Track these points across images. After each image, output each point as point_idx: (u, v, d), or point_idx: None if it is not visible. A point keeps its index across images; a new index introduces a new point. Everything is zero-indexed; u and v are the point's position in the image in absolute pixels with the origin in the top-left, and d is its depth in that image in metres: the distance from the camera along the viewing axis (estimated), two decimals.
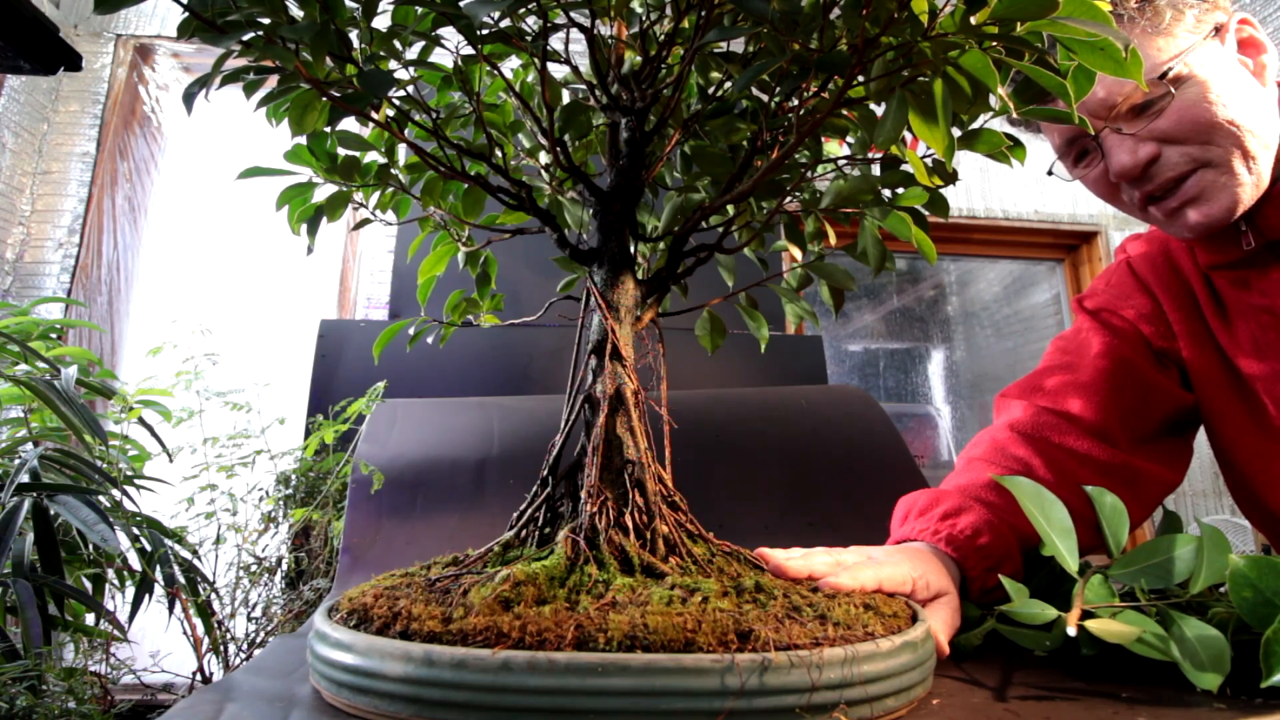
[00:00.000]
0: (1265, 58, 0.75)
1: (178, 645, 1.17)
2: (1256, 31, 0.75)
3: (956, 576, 0.66)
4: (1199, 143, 0.71)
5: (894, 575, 0.57)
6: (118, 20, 2.40)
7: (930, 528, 0.69)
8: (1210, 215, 0.73)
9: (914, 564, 0.61)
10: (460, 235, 0.75)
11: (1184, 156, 0.72)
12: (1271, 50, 0.75)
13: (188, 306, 2.46)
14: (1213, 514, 2.69)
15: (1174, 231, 0.78)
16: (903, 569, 0.59)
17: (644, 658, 0.40)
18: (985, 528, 0.68)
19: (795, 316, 0.72)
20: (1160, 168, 0.73)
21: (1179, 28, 0.71)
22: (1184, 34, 0.71)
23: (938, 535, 0.68)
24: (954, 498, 0.72)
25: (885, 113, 0.47)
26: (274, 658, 0.59)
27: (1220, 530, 0.55)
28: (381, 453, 1.08)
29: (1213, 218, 0.73)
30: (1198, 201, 0.73)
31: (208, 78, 0.47)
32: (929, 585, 0.60)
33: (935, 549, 0.67)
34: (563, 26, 0.62)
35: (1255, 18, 2.52)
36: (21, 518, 0.83)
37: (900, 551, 0.65)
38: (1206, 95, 0.70)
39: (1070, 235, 3.01)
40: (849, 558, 0.60)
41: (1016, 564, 0.69)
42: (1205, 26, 0.72)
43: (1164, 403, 0.84)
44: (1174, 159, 0.72)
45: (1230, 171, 0.71)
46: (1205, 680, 0.46)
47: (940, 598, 0.61)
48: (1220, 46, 0.72)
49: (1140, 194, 0.76)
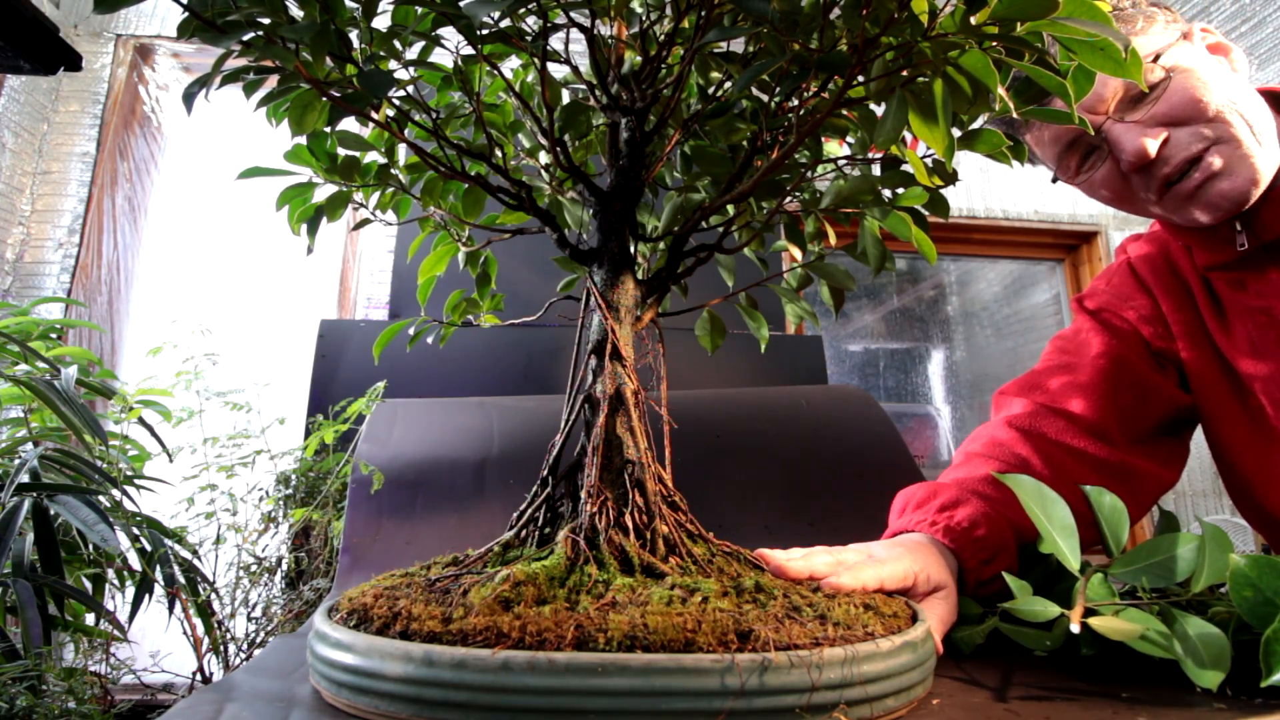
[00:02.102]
0: (1233, 56, 0.77)
1: (178, 645, 1.17)
2: (1219, 37, 0.78)
3: (954, 568, 0.66)
4: (1204, 121, 0.72)
5: (895, 572, 0.58)
6: (118, 20, 2.40)
7: (928, 519, 0.70)
8: (1234, 189, 0.73)
9: (914, 558, 0.61)
10: (460, 235, 0.75)
11: (1194, 135, 0.72)
12: (1237, 50, 0.78)
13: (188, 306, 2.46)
14: (1213, 514, 2.69)
15: (1189, 219, 0.77)
16: (903, 564, 0.59)
17: (644, 658, 0.40)
18: (982, 520, 0.69)
19: (795, 316, 0.72)
20: (1173, 148, 0.73)
21: (1152, 29, 0.75)
22: (1158, 36, 0.74)
23: (935, 526, 0.69)
24: (951, 490, 0.73)
25: (885, 113, 0.46)
26: (274, 658, 0.59)
27: (1222, 529, 0.55)
28: (381, 453, 1.08)
29: (1238, 189, 0.73)
30: (1219, 178, 0.73)
31: (208, 78, 0.47)
32: (929, 579, 0.61)
33: (933, 540, 0.67)
34: (563, 26, 0.62)
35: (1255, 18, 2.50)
36: (21, 518, 0.83)
37: (900, 546, 0.65)
38: (1199, 78, 0.72)
39: (1070, 235, 3.01)
40: (849, 556, 0.60)
41: (1012, 558, 0.69)
42: (1174, 32, 0.75)
43: (1161, 403, 0.84)
44: (1184, 139, 0.73)
45: (1242, 144, 0.72)
46: (1206, 678, 0.46)
47: (938, 592, 0.62)
48: (1191, 47, 0.75)
49: (1158, 180, 0.75)
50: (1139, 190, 0.78)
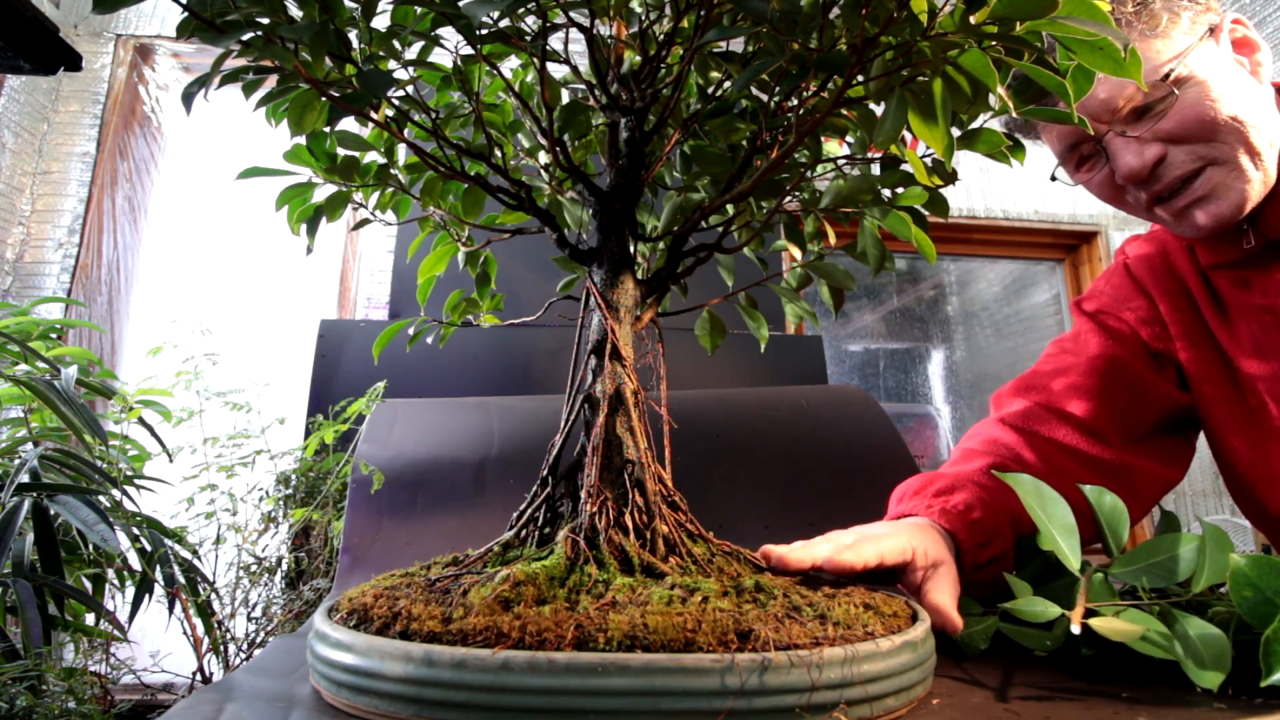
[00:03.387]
0: (1259, 56, 0.76)
1: (178, 645, 1.17)
2: (1249, 31, 0.76)
3: (952, 549, 0.67)
4: (1204, 141, 0.71)
5: (894, 546, 0.59)
6: (118, 20, 2.40)
7: (925, 503, 0.71)
8: (1219, 214, 0.73)
9: (912, 535, 0.63)
10: (460, 235, 0.75)
11: (1190, 155, 0.72)
12: (1265, 49, 0.76)
13: (188, 306, 2.46)
14: (1213, 514, 2.69)
15: (1182, 231, 0.78)
16: (901, 539, 0.61)
17: (644, 658, 0.40)
18: (978, 504, 0.70)
19: (795, 316, 0.72)
20: (1167, 168, 0.73)
21: (1175, 30, 0.72)
22: (1180, 36, 0.72)
23: (932, 509, 0.70)
24: (947, 478, 0.74)
25: (885, 112, 0.46)
26: (274, 658, 0.59)
27: (1222, 529, 0.55)
28: (381, 453, 1.08)
29: (1222, 216, 0.73)
30: (1206, 201, 0.73)
31: (207, 77, 0.47)
32: (927, 554, 0.62)
33: (931, 522, 0.68)
34: (562, 26, 0.62)
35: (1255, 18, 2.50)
36: (21, 518, 0.83)
37: (898, 524, 0.67)
38: (1208, 94, 0.70)
39: (1070, 235, 3.01)
40: (848, 539, 0.61)
41: (1007, 543, 0.70)
42: (1200, 28, 0.72)
43: (1159, 403, 0.85)
44: (1180, 159, 0.72)
45: (1237, 168, 0.71)
46: (1207, 679, 0.46)
47: (939, 566, 0.63)
48: (1216, 47, 0.73)
49: (1148, 195, 0.76)
50: (1131, 198, 0.78)
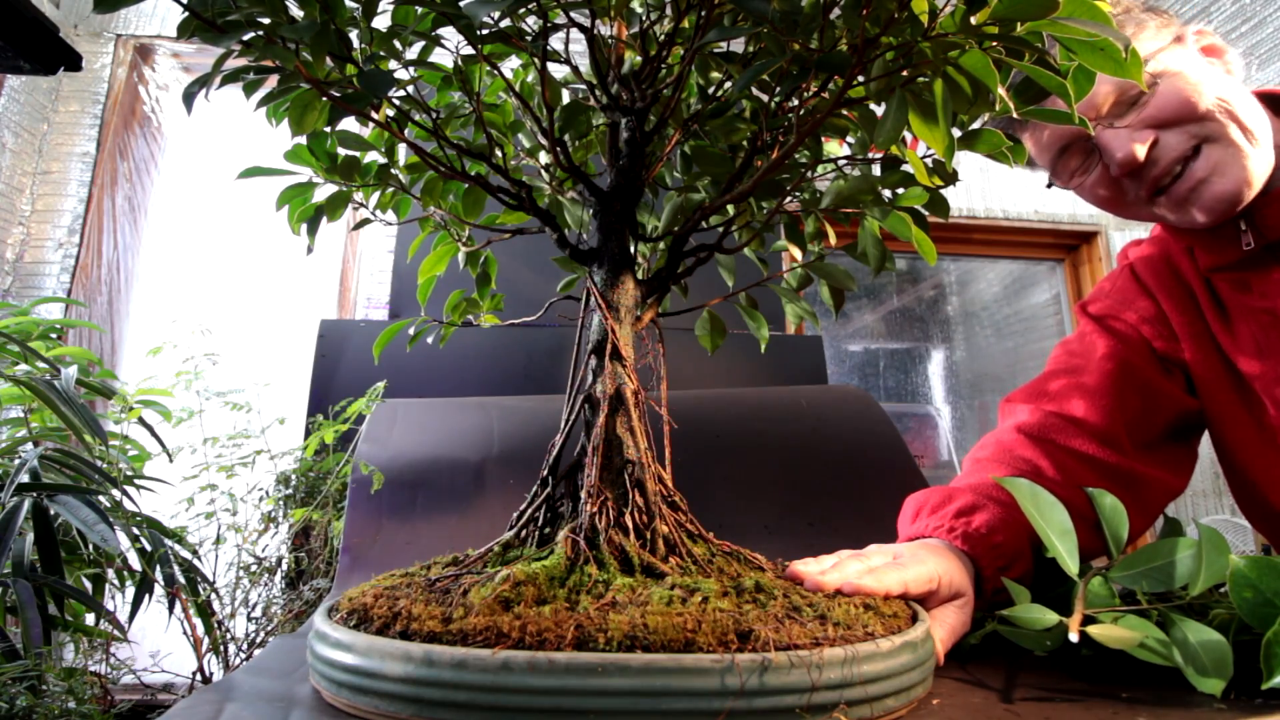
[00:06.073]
0: (1228, 58, 0.77)
1: (178, 645, 1.17)
2: (1215, 39, 0.77)
3: (972, 574, 0.65)
4: (1194, 120, 0.72)
5: (920, 575, 0.57)
6: (118, 20, 2.40)
7: (945, 524, 0.68)
8: (1224, 193, 0.72)
9: (937, 562, 0.60)
10: (460, 235, 0.75)
11: (1183, 135, 0.72)
12: (1232, 52, 0.77)
13: (188, 306, 2.46)
14: (1213, 514, 2.69)
15: (1186, 222, 0.77)
16: (927, 567, 0.58)
17: (644, 658, 0.40)
18: (1000, 526, 0.67)
19: (795, 316, 0.72)
20: (1162, 150, 0.73)
21: (1143, 35, 0.74)
22: (1149, 41, 0.74)
23: (953, 532, 0.67)
24: (967, 495, 0.71)
25: (885, 113, 0.46)
26: (274, 658, 0.59)
27: (1219, 531, 0.55)
28: (381, 453, 1.08)
29: (1228, 192, 0.72)
30: (1210, 180, 0.73)
31: (207, 77, 0.47)
32: (951, 584, 0.60)
33: (950, 546, 0.66)
34: (563, 26, 0.62)
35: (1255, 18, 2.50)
36: (21, 518, 0.83)
37: (923, 549, 0.64)
38: (1188, 80, 0.72)
39: (1070, 235, 3.01)
40: (876, 560, 0.59)
41: (1028, 564, 0.68)
42: (1166, 36, 0.75)
43: (1168, 407, 0.84)
44: (1173, 140, 0.73)
45: (1233, 144, 0.72)
46: (1208, 685, 0.46)
47: (957, 599, 0.61)
48: (1184, 50, 0.75)
49: (1148, 184, 0.75)
50: (1131, 193, 0.78)
